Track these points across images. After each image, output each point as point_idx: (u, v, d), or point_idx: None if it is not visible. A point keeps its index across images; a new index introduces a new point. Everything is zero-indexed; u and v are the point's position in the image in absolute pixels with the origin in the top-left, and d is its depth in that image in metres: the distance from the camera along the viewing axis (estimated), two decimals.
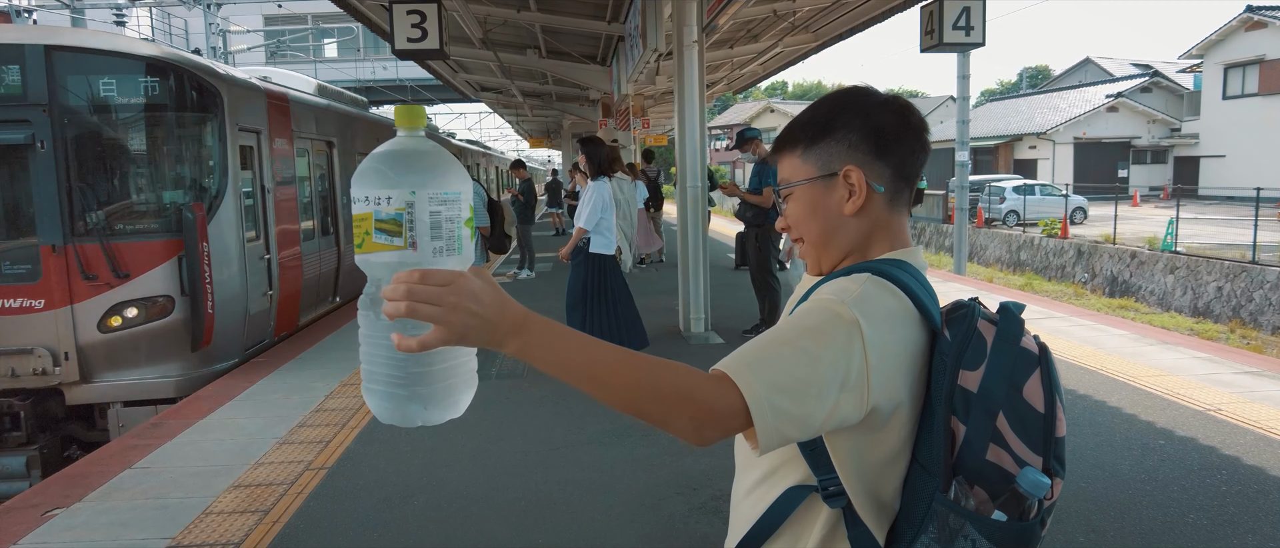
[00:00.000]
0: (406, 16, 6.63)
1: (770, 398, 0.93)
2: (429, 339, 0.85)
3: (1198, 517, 3.47)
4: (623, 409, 0.93)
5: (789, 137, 1.16)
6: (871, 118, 1.11)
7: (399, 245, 0.85)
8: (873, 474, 1.06)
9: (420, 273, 0.83)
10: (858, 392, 0.97)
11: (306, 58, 28.19)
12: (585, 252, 5.95)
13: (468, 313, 0.85)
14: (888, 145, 1.11)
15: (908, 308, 1.04)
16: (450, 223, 0.87)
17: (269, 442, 4.70)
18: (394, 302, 0.83)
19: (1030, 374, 0.99)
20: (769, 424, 0.93)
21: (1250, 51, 27.01)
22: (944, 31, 6.53)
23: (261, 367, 6.61)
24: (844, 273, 1.10)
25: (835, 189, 1.12)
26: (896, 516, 1.08)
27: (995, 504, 0.96)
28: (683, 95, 7.12)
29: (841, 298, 1.01)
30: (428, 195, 0.85)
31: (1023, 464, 0.97)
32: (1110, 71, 38.33)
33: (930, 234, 23.29)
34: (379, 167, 0.86)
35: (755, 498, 1.13)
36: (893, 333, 1.01)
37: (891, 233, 1.14)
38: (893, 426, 1.04)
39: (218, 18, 19.11)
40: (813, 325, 1.00)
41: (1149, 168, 32.60)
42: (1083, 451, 4.25)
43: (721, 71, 14.96)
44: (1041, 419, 0.98)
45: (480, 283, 0.87)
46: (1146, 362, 6.07)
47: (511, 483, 4.01)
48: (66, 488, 4.10)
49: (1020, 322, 1.04)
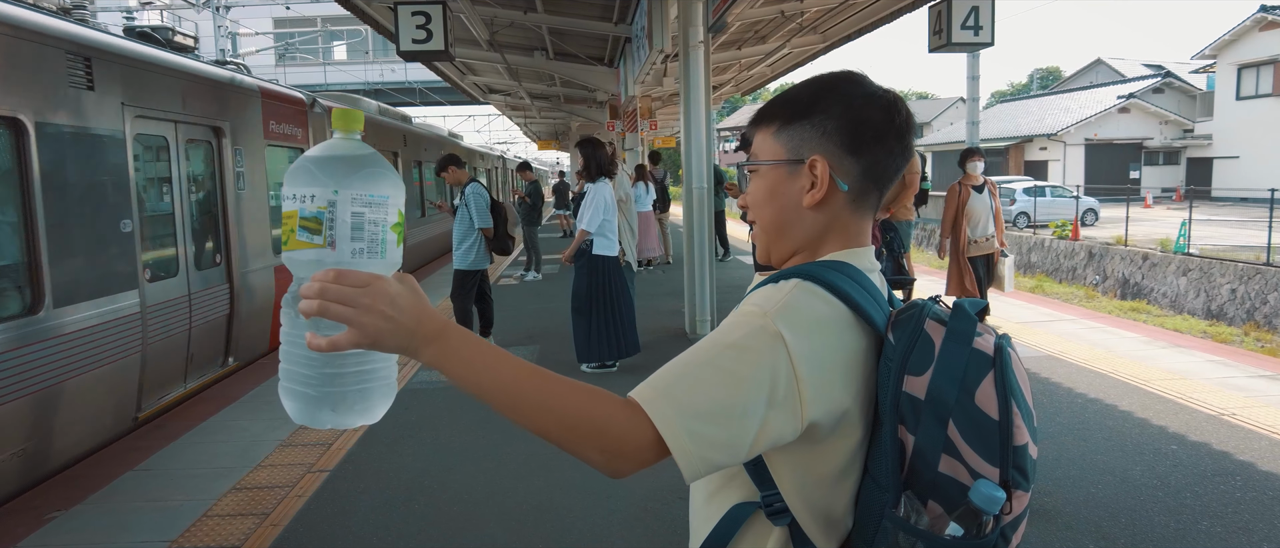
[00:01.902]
0: (411, 18, 6.61)
1: (689, 425, 0.88)
2: (340, 340, 0.83)
3: (1212, 524, 3.41)
4: (535, 433, 0.90)
5: (768, 111, 1.09)
6: (853, 109, 1.03)
7: (318, 244, 0.85)
8: (818, 491, 0.99)
9: (336, 273, 0.82)
10: (789, 407, 0.91)
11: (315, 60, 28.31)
12: (588, 254, 5.92)
13: (381, 316, 0.83)
14: (864, 141, 1.02)
15: (841, 313, 0.97)
16: (374, 226, 0.87)
17: (271, 444, 4.68)
18: (308, 300, 0.82)
19: (983, 378, 0.91)
20: (690, 452, 0.88)
21: (1264, 52, 26.78)
22: (952, 31, 6.47)
23: (264, 370, 6.60)
24: (776, 278, 1.03)
25: (799, 177, 1.04)
26: (849, 532, 1.01)
27: (950, 519, 0.90)
28: (688, 96, 7.08)
29: (764, 309, 0.95)
30: (351, 196, 0.85)
31: (978, 476, 0.90)
32: (1122, 72, 38.07)
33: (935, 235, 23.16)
34: (307, 165, 0.87)
35: (706, 515, 1.08)
36: (823, 341, 0.94)
37: (848, 234, 1.06)
38: (839, 438, 0.97)
39: (227, 20, 19.19)
40: (734, 341, 0.93)
41: (1161, 169, 32.34)
42: (1093, 455, 4.18)
43: (729, 73, 14.92)
44: (996, 427, 0.90)
45: (401, 288, 0.85)
46: (1158, 365, 5.99)
47: (513, 487, 3.98)
48: (67, 490, 4.09)
49: (973, 320, 0.95)
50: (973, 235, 6.73)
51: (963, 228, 6.72)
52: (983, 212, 6.73)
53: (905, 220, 7.04)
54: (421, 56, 6.99)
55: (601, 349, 5.93)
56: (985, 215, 6.74)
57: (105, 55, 4.99)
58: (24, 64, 4.28)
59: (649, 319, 7.76)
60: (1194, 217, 16.59)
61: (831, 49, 11.76)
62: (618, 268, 6.00)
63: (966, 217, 6.71)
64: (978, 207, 6.71)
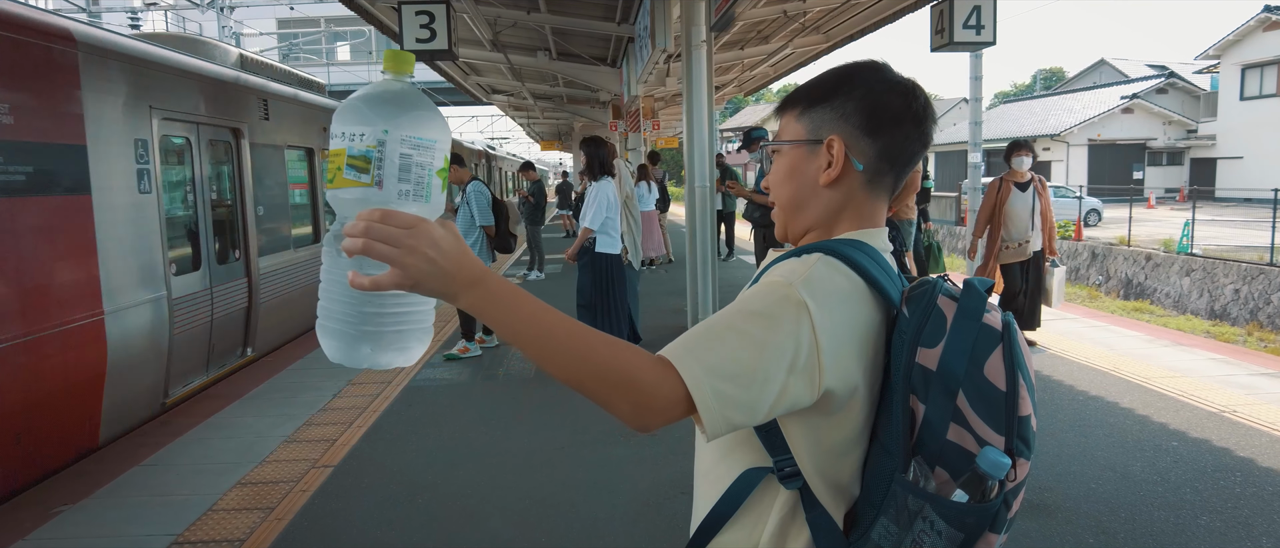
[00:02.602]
0: (415, 17, 6.64)
1: (713, 384, 0.91)
2: (382, 280, 0.83)
3: (1211, 519, 3.42)
4: (566, 383, 0.92)
5: (793, 97, 1.15)
6: (873, 93, 1.09)
7: (365, 183, 0.84)
8: (829, 458, 1.04)
9: (382, 212, 0.83)
10: (808, 374, 0.95)
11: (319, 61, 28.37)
12: (591, 252, 5.95)
13: (424, 258, 0.84)
14: (882, 124, 1.08)
15: (860, 287, 1.02)
16: (421, 169, 0.86)
17: (276, 440, 4.71)
18: (352, 238, 0.82)
19: (991, 351, 0.96)
20: (713, 410, 0.91)
21: (1268, 52, 26.72)
22: (954, 31, 6.48)
23: (269, 367, 6.63)
24: (798, 252, 1.07)
25: (817, 156, 1.10)
26: (856, 498, 1.06)
27: (956, 485, 0.94)
28: (691, 95, 7.10)
29: (790, 279, 0.99)
30: (400, 137, 0.84)
31: (984, 444, 0.95)
32: (1125, 73, 38.01)
33: (943, 236, 23.16)
34: (357, 104, 0.86)
35: (713, 478, 1.12)
36: (844, 313, 0.99)
37: (862, 214, 1.12)
38: (850, 409, 1.02)
39: (231, 20, 19.25)
40: (759, 309, 0.98)
41: (1165, 170, 32.29)
42: (1094, 452, 4.20)
43: (732, 73, 14.93)
44: (1003, 398, 0.95)
45: (443, 232, 0.87)
46: (1160, 363, 6.00)
47: (516, 482, 4.00)
48: (73, 485, 4.12)
49: (983, 297, 1.01)
50: (1007, 238, 6.23)
51: (998, 229, 6.24)
52: (1024, 212, 6.23)
53: (907, 220, 7.04)
54: (425, 56, 7.02)
55: None
56: (1026, 217, 6.24)
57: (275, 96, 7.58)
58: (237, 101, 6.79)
59: (652, 318, 7.79)
60: (1197, 217, 16.57)
61: (834, 49, 11.77)
62: (620, 266, 6.03)
63: (1005, 217, 6.22)
64: (1018, 206, 6.22)
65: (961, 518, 0.92)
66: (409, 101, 0.86)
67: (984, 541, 0.94)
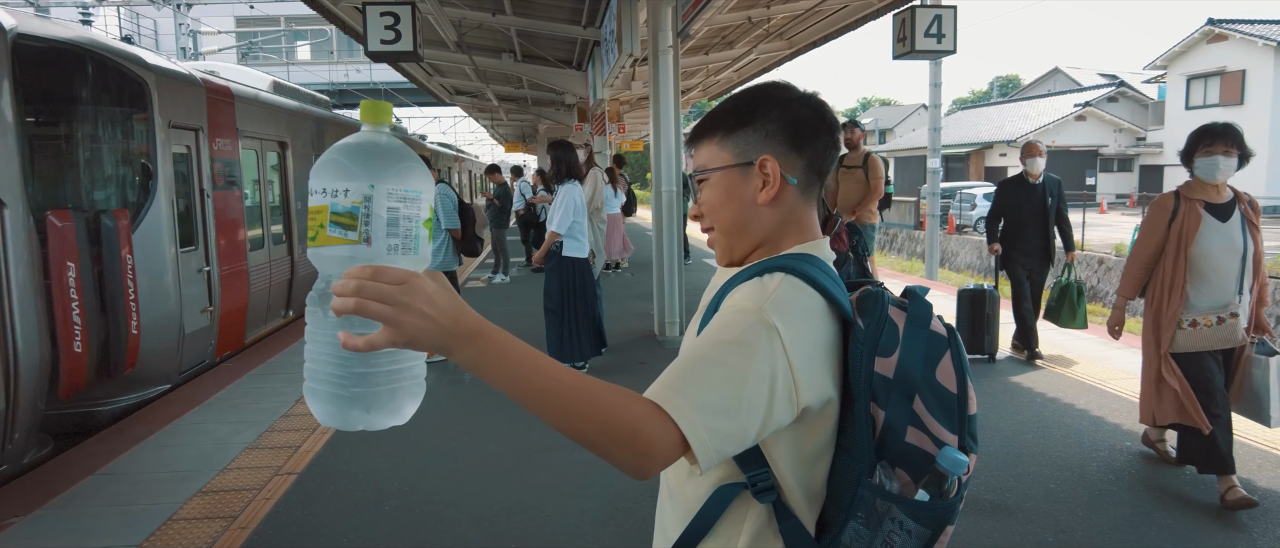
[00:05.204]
0: (380, 18, 6.58)
1: (707, 423, 0.93)
2: (377, 339, 0.80)
3: (1165, 516, 3.53)
4: (567, 435, 0.91)
5: (709, 123, 1.17)
6: (790, 111, 1.13)
7: (353, 240, 0.82)
8: (806, 465, 1.07)
9: (373, 269, 0.80)
10: (787, 395, 0.98)
11: (279, 60, 27.87)
12: (558, 256, 5.94)
13: (419, 315, 0.81)
14: (804, 139, 1.13)
15: (820, 303, 1.06)
16: (408, 221, 0.84)
17: (238, 447, 4.63)
18: (343, 297, 0.79)
19: (942, 356, 1.04)
20: (708, 448, 0.93)
21: (1212, 63, 27.61)
22: (916, 39, 6.61)
23: (230, 372, 6.51)
24: (755, 269, 1.10)
25: (751, 178, 1.13)
26: (825, 503, 1.10)
27: (918, 485, 1.00)
28: (658, 100, 7.14)
29: (758, 304, 1.02)
30: (386, 190, 0.82)
31: (941, 444, 1.01)
32: (1078, 81, 39.01)
33: (903, 240, 23.50)
34: (339, 158, 0.83)
35: (682, 496, 1.14)
36: (809, 331, 1.02)
37: (801, 225, 1.16)
38: (823, 417, 1.06)
39: (188, 18, 18.83)
40: (735, 338, 0.99)
41: (1116, 176, 33.20)
42: (1052, 453, 4.31)
43: (696, 78, 15.01)
44: (955, 399, 1.03)
45: (436, 286, 0.84)
46: (1113, 365, 6.17)
47: (485, 488, 3.98)
48: (27, 495, 4.00)
49: (928, 305, 1.07)
50: (1200, 302, 3.55)
51: (1179, 287, 3.57)
52: (1228, 258, 3.53)
53: (870, 224, 7.16)
54: (390, 57, 6.96)
55: (573, 349, 5.95)
56: (1233, 265, 3.53)
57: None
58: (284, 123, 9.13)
59: (619, 321, 7.80)
60: None
61: (798, 55, 11.90)
62: (588, 269, 6.03)
63: (1191, 265, 3.55)
64: (1215, 245, 3.52)
65: (928, 515, 0.99)
66: (393, 154, 0.84)
67: (944, 534, 1.03)
